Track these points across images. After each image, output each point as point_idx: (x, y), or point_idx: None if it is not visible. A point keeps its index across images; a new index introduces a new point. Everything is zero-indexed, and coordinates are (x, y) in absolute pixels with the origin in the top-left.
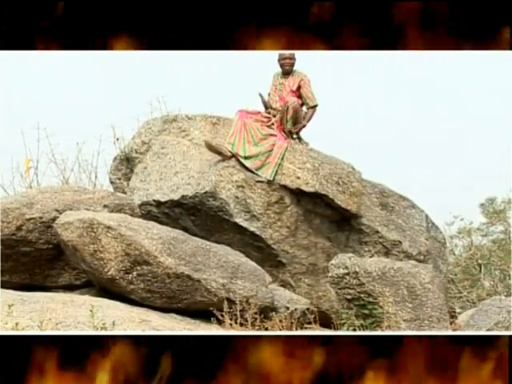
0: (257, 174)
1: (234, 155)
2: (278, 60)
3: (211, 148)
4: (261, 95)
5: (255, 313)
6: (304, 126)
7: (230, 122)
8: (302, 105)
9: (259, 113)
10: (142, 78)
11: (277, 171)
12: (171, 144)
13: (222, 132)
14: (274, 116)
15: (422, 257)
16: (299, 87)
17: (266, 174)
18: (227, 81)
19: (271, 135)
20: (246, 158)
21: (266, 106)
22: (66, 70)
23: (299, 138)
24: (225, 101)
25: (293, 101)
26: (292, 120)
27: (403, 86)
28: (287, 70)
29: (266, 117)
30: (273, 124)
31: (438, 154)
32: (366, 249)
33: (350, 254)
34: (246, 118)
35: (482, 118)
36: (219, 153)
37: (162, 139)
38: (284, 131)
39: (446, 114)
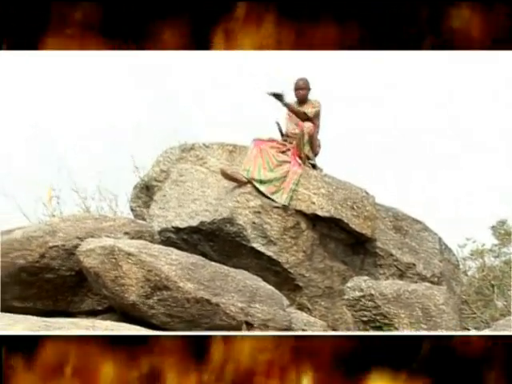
0: (272, 199)
1: (249, 181)
2: (294, 90)
3: (227, 176)
4: (278, 123)
5: None
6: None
7: (245, 149)
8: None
9: (274, 140)
10: (160, 108)
11: (292, 197)
12: (189, 172)
13: (238, 159)
14: (291, 143)
15: (435, 278)
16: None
17: (282, 199)
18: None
19: (286, 161)
20: (261, 182)
21: (282, 133)
22: (85, 94)
23: (314, 165)
24: (241, 128)
25: (308, 125)
26: (308, 145)
27: (404, 104)
28: (302, 99)
29: (281, 144)
30: (288, 150)
31: (447, 177)
32: (381, 271)
33: (366, 277)
34: (261, 145)
35: (491, 140)
36: (235, 179)
37: (180, 167)
38: (300, 157)
39: (454, 135)
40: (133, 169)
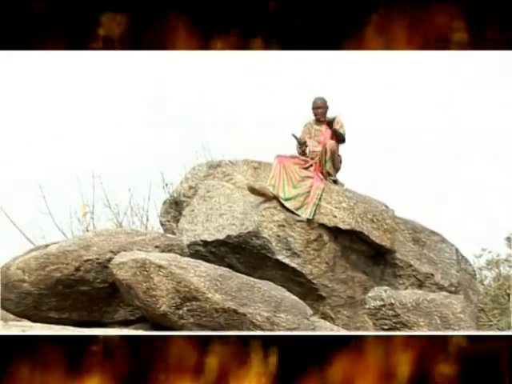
0: (296, 214)
1: (275, 196)
2: (312, 108)
3: (254, 191)
4: (294, 135)
5: None
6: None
7: (269, 166)
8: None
9: (296, 157)
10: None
11: (315, 211)
12: (216, 188)
13: (262, 175)
14: (312, 159)
15: (453, 288)
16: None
17: (305, 213)
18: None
19: (309, 177)
20: (286, 199)
21: (301, 143)
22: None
23: (335, 181)
24: (266, 144)
25: (330, 143)
26: (330, 161)
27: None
28: (320, 118)
29: (303, 160)
30: (311, 166)
31: (461, 190)
32: (401, 282)
33: (386, 287)
34: (284, 162)
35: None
36: (263, 194)
37: (207, 183)
38: (322, 173)
39: (466, 148)
40: (162, 185)
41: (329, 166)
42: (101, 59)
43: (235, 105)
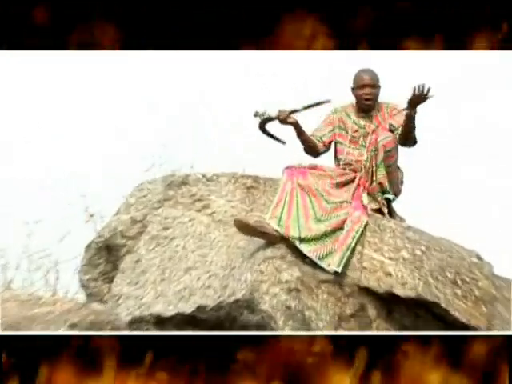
0: (321, 267)
1: (283, 237)
2: (353, 89)
3: (246, 228)
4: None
5: None
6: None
7: (274, 184)
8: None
9: (317, 167)
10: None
11: (349, 260)
12: (180, 222)
13: (262, 201)
14: (355, 171)
15: None
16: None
17: (333, 263)
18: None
19: (343, 203)
20: (301, 240)
21: (269, 119)
22: None
23: (390, 212)
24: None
25: (386, 137)
26: (384, 168)
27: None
28: (369, 106)
29: (333, 171)
30: (350, 182)
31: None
32: None
33: None
34: (299, 178)
35: None
36: (260, 234)
37: (164, 214)
38: (369, 191)
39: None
40: (85, 217)
41: (381, 175)
42: (101, 59)
43: (235, 105)
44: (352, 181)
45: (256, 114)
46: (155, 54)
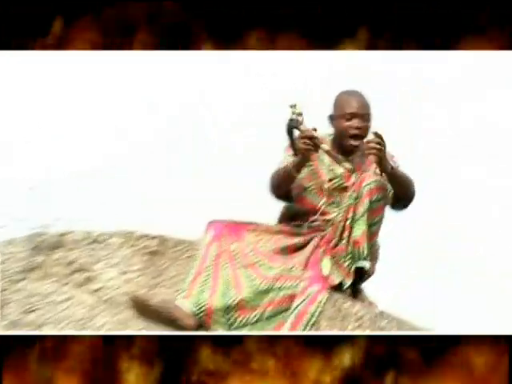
0: None
1: (201, 325)
2: (333, 118)
3: (147, 312)
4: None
5: None
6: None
7: (190, 247)
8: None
9: (256, 223)
10: None
11: None
12: (51, 302)
13: (171, 272)
14: (317, 230)
15: None
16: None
17: None
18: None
19: (294, 270)
20: (225, 309)
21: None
22: None
23: (357, 290)
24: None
25: (374, 179)
26: (366, 223)
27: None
28: (353, 143)
29: (286, 230)
30: (302, 247)
31: None
32: None
33: None
34: (230, 239)
35: None
36: (168, 321)
37: (28, 289)
38: (338, 251)
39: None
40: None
41: (359, 232)
42: (101, 59)
43: (235, 105)
44: (308, 243)
45: (292, 106)
46: (155, 54)
